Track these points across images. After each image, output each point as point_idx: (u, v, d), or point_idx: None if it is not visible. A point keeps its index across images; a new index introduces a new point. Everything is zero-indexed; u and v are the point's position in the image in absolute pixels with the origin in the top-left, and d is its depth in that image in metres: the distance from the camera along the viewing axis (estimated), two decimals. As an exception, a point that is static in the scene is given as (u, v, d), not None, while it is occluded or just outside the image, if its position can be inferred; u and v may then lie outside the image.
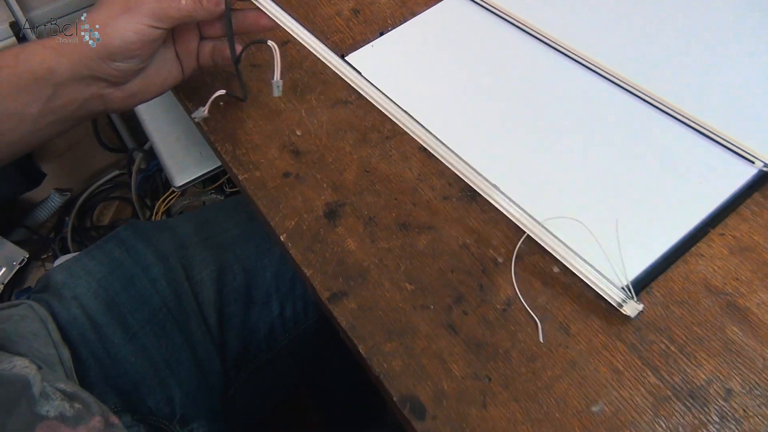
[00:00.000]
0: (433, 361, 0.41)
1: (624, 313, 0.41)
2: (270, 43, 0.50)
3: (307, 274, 0.46)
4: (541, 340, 0.42)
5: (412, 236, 0.47)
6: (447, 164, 0.47)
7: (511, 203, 0.45)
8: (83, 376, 0.52)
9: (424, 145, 0.47)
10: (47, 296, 0.56)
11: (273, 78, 0.50)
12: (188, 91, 0.57)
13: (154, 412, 0.53)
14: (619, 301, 0.42)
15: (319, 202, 0.49)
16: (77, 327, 0.53)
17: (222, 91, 0.51)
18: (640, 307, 0.41)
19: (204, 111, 0.52)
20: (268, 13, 0.51)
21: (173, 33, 0.51)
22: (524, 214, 0.45)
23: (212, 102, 0.54)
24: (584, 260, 0.43)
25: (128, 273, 0.58)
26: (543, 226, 0.44)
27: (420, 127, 0.47)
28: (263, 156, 0.52)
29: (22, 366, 0.44)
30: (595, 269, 0.42)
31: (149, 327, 0.56)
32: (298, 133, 0.53)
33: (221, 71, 0.59)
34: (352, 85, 0.49)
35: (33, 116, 0.47)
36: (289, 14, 0.50)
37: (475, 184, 0.46)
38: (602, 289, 0.42)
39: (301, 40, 0.50)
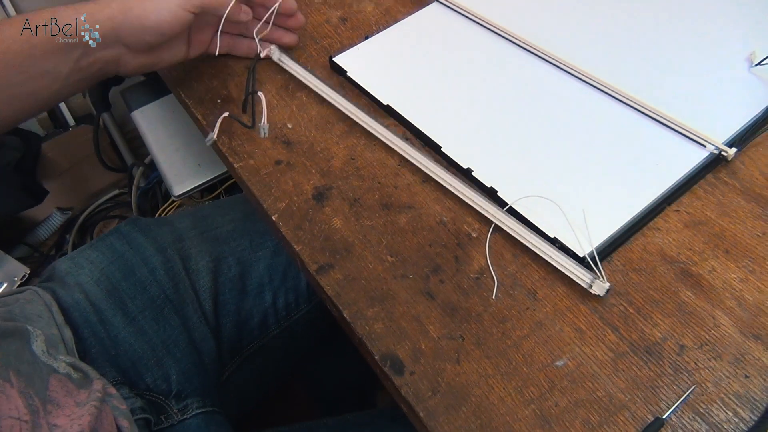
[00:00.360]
0: (412, 324, 0.45)
1: (593, 293, 0.45)
2: (260, 93, 0.57)
3: (297, 250, 0.49)
4: (493, 298, 0.46)
5: (393, 215, 0.51)
6: (414, 161, 0.52)
7: (477, 195, 0.50)
8: (84, 355, 0.55)
9: (390, 144, 0.54)
10: (52, 284, 0.59)
11: (261, 122, 0.57)
12: (202, 109, 0.62)
13: (151, 389, 0.56)
14: (588, 282, 0.45)
15: (308, 186, 0.53)
16: (79, 310, 0.57)
17: (226, 114, 0.58)
18: (607, 285, 0.44)
19: (213, 135, 0.57)
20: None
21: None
22: (491, 205, 0.49)
23: (212, 101, 0.59)
24: (552, 245, 0.46)
25: (129, 263, 0.61)
26: (511, 216, 0.48)
27: (386, 130, 0.54)
28: (257, 146, 0.56)
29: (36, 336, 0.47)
30: (564, 254, 0.46)
31: (148, 312, 0.59)
32: (290, 125, 0.58)
33: (229, 92, 0.63)
34: (339, 107, 0.56)
35: (64, 75, 0.51)
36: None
37: (440, 177, 0.51)
38: (573, 273, 0.45)
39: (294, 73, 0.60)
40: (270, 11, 0.58)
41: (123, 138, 1.32)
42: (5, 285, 1.23)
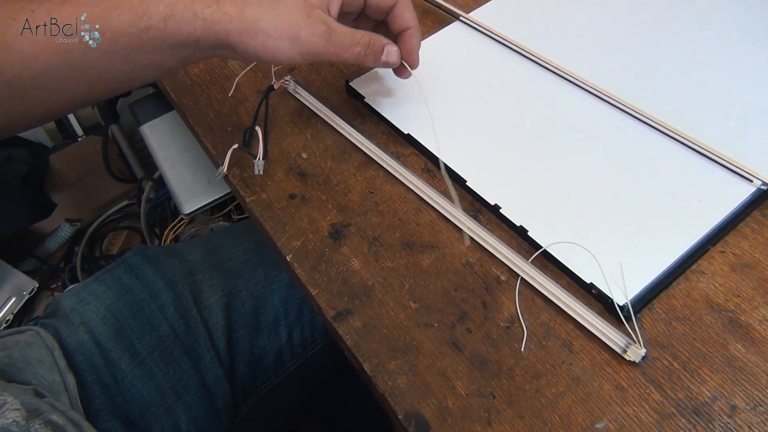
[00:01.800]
0: (438, 379, 0.42)
1: (628, 359, 0.41)
2: (257, 128, 0.53)
3: (313, 293, 0.46)
4: (522, 350, 0.42)
5: (415, 255, 0.48)
6: (433, 203, 0.50)
7: (502, 245, 0.46)
8: (88, 404, 0.52)
9: (408, 184, 0.51)
10: (55, 321, 0.56)
11: (257, 158, 0.53)
12: (211, 138, 0.59)
13: (160, 440, 0.53)
14: (623, 346, 0.41)
15: (325, 223, 0.50)
16: (84, 352, 0.54)
17: (235, 146, 0.54)
18: (643, 352, 0.40)
19: (223, 169, 0.54)
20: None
21: None
22: (515, 256, 0.46)
23: (222, 128, 0.55)
24: (584, 306, 0.43)
25: (137, 299, 0.58)
26: (536, 269, 0.45)
27: (403, 168, 0.51)
28: (270, 178, 0.53)
29: (11, 408, 0.43)
30: (595, 314, 0.42)
31: (157, 353, 0.56)
32: (304, 155, 0.54)
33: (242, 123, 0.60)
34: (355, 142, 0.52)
35: (169, 67, 0.47)
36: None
37: (462, 223, 0.48)
38: (605, 335, 0.42)
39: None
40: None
41: (132, 149, 1.30)
42: (14, 299, 1.21)
